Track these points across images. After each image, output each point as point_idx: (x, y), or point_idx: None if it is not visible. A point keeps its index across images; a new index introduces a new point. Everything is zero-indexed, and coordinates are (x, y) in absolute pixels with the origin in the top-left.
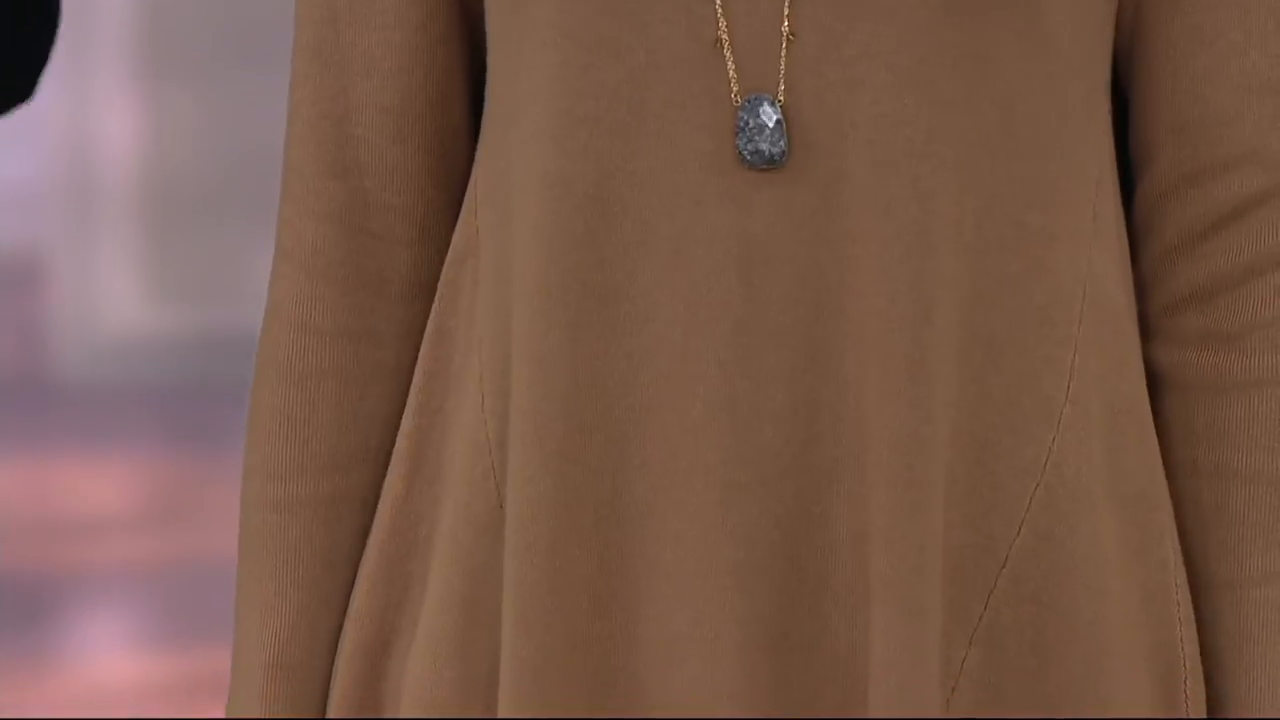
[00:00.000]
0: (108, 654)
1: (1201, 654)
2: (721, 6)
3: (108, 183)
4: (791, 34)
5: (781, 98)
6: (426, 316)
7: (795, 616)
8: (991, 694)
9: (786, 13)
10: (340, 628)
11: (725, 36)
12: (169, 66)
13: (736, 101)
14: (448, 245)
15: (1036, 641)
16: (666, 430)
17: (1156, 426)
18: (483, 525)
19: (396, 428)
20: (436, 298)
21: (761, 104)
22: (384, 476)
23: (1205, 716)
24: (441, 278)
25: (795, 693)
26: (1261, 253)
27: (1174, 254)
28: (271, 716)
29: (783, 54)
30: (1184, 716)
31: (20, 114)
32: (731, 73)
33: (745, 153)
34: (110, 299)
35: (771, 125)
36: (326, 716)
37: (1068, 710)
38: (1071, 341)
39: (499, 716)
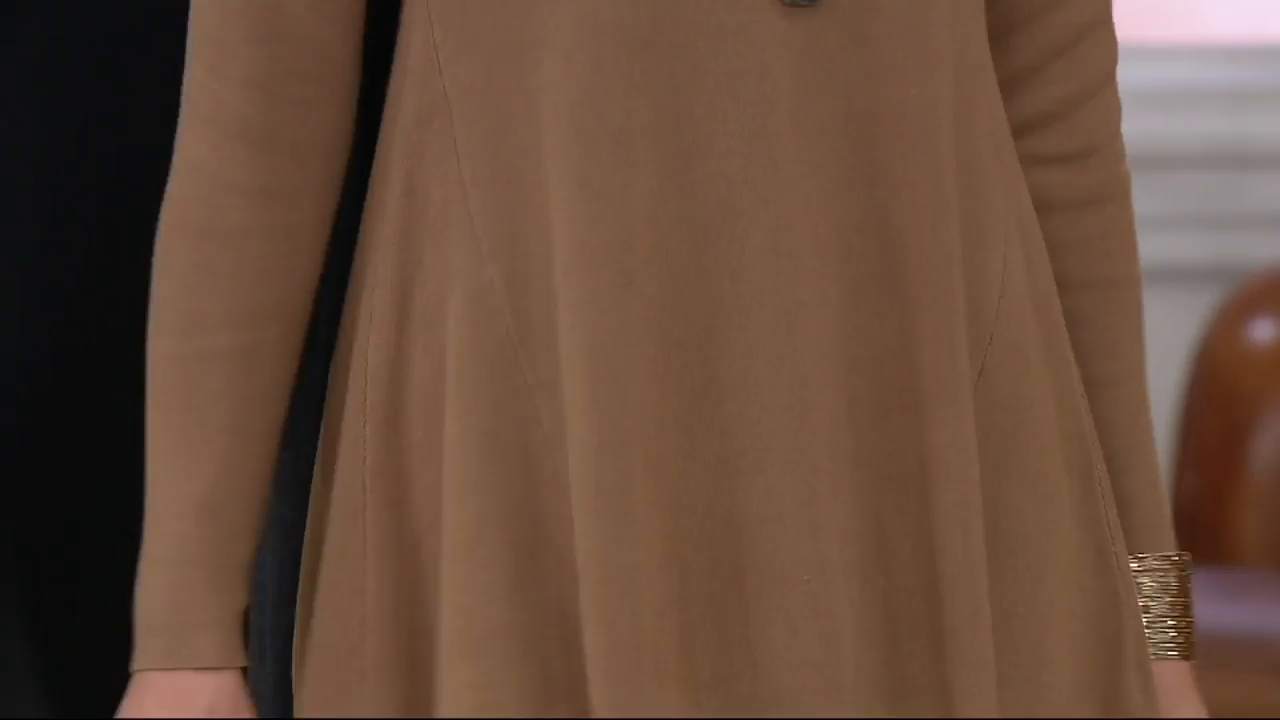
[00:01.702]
0: None
1: None
2: None
3: None
4: None
5: None
6: (339, 178)
7: (865, 422)
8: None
9: None
10: (262, 473)
11: None
12: None
13: None
14: (356, 108)
15: (1002, 441)
16: (725, 258)
17: None
18: (493, 360)
19: (308, 283)
20: (401, 157)
21: None
22: (297, 330)
23: (1112, 497)
24: (402, 138)
25: (877, 497)
26: (1089, 77)
27: (1016, 83)
28: (187, 555)
29: None
30: (1097, 498)
31: None
32: None
33: None
34: None
35: None
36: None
37: (1024, 506)
38: (1005, 163)
39: (578, 532)
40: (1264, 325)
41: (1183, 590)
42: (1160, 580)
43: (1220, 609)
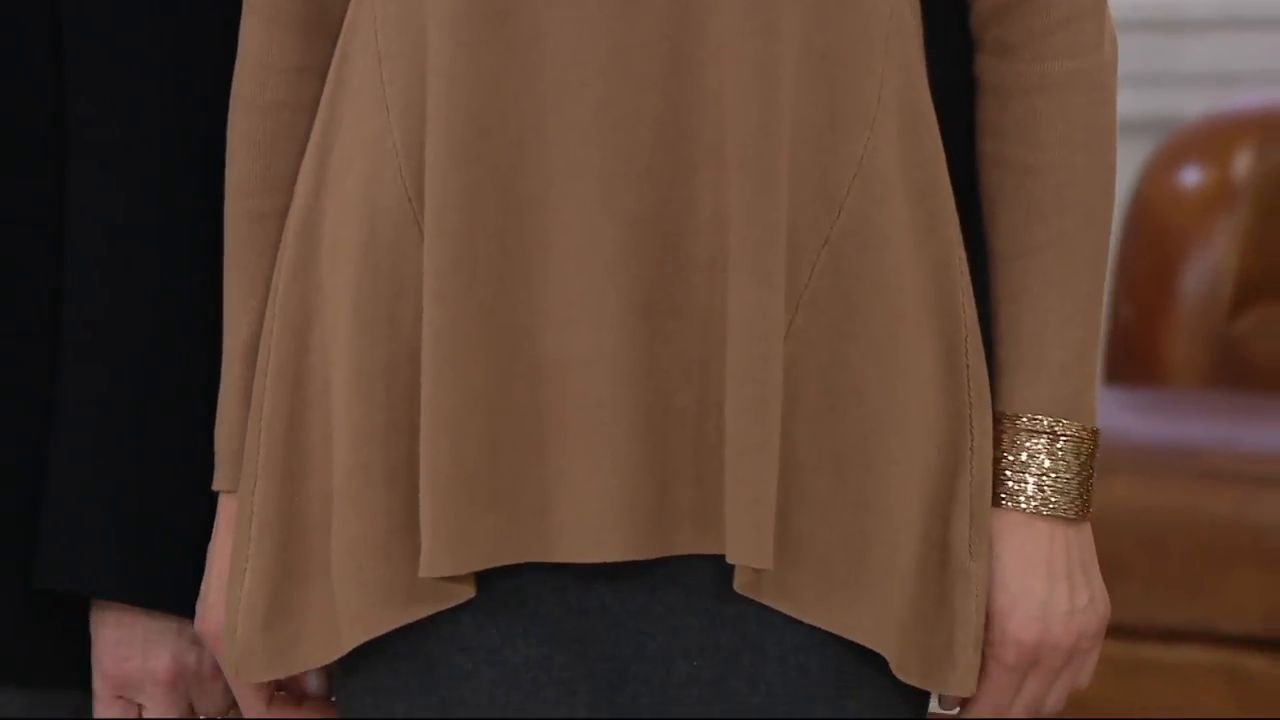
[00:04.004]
0: None
1: (988, 316)
2: None
3: None
4: None
5: None
6: None
7: (667, 286)
8: (809, 350)
9: None
10: None
11: None
12: None
13: None
14: None
15: (847, 306)
16: (556, 131)
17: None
18: (395, 218)
19: None
20: (342, 30)
21: None
22: None
23: (983, 366)
24: (349, 10)
25: (666, 348)
26: None
27: None
28: (240, 393)
29: None
30: (963, 367)
31: None
32: None
33: None
34: None
35: None
36: (266, 393)
37: (864, 366)
38: (881, 55)
39: (423, 375)
40: (1192, 172)
41: (1045, 453)
42: (1025, 440)
43: (1153, 424)
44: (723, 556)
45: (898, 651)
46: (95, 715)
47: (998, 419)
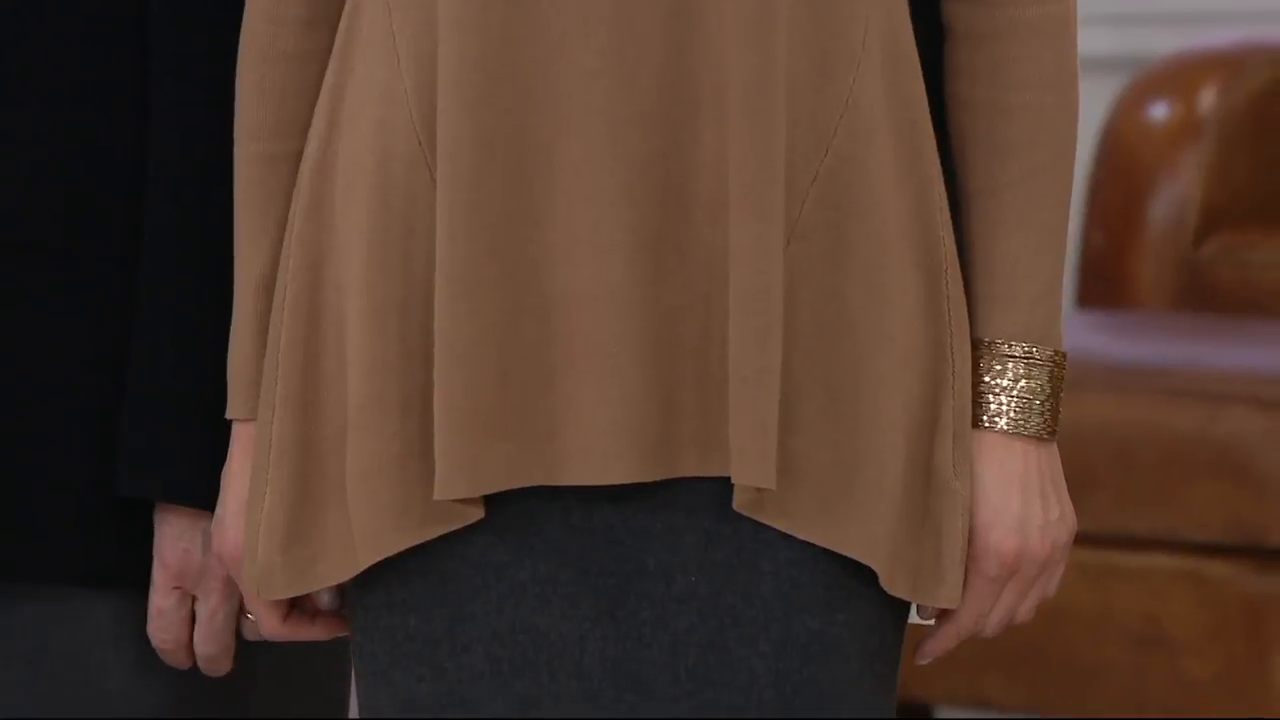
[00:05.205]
0: None
1: (963, 250)
2: None
3: None
4: None
5: None
6: None
7: (671, 223)
8: (802, 281)
9: None
10: None
11: None
12: None
13: None
14: None
15: (837, 238)
16: (564, 77)
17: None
18: (407, 162)
19: None
20: None
21: None
22: None
23: (962, 296)
24: None
25: (670, 283)
26: None
27: None
28: (253, 325)
29: None
30: (944, 297)
31: None
32: None
33: None
34: None
35: None
36: (283, 324)
37: (853, 296)
38: (866, 1)
39: (436, 312)
40: (1160, 106)
41: (1021, 377)
42: (1002, 365)
43: (1123, 344)
44: (720, 479)
45: (887, 566)
46: (151, 603)
47: (977, 345)
